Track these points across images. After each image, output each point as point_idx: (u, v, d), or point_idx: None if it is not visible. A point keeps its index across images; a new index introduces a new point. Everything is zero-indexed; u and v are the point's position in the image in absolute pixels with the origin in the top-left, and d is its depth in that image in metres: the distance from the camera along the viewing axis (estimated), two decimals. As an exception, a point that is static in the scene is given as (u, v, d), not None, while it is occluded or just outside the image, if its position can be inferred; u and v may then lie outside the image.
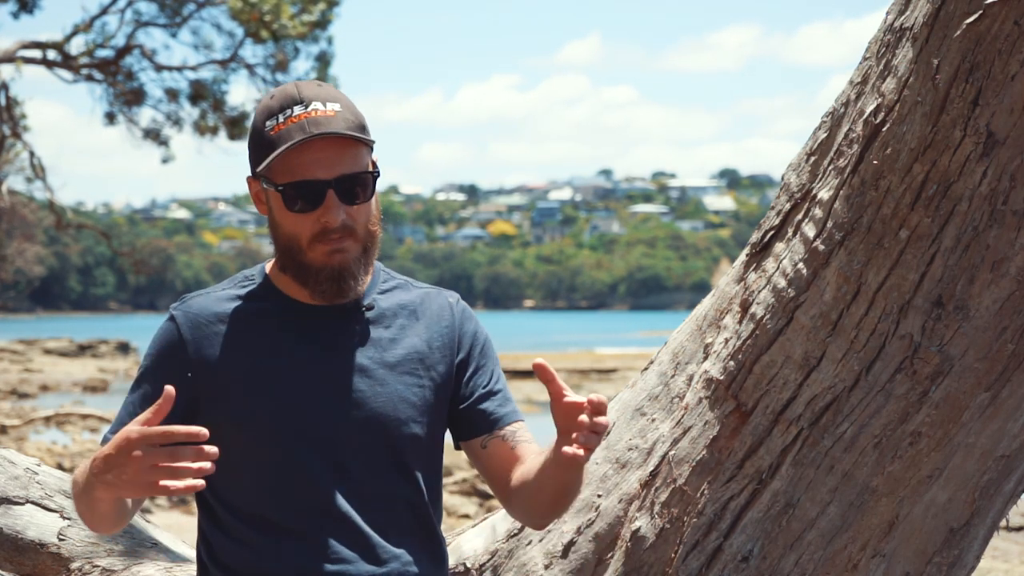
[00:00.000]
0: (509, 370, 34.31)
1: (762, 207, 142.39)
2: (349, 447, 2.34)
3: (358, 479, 2.34)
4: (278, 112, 2.31)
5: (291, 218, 2.31)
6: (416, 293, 2.50)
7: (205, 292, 2.43)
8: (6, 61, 17.25)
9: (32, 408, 23.62)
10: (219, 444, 2.37)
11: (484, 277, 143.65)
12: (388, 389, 2.38)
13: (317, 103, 2.31)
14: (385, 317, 2.42)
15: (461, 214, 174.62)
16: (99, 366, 38.40)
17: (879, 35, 2.29)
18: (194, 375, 2.34)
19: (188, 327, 2.37)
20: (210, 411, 2.34)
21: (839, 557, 2.36)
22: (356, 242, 2.33)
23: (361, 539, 2.33)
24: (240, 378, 2.33)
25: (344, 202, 2.30)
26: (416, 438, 2.40)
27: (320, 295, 2.34)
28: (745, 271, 2.52)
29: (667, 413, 2.59)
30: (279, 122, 2.30)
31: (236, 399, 2.32)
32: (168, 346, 2.37)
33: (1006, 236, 2.14)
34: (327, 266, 2.31)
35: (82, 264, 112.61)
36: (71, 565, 2.81)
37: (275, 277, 2.42)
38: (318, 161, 2.29)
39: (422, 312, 2.47)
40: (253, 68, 18.24)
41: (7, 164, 19.99)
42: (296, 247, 2.33)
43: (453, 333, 2.47)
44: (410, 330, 2.44)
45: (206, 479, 2.38)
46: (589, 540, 2.58)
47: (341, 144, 2.31)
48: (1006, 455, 2.35)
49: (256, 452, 2.33)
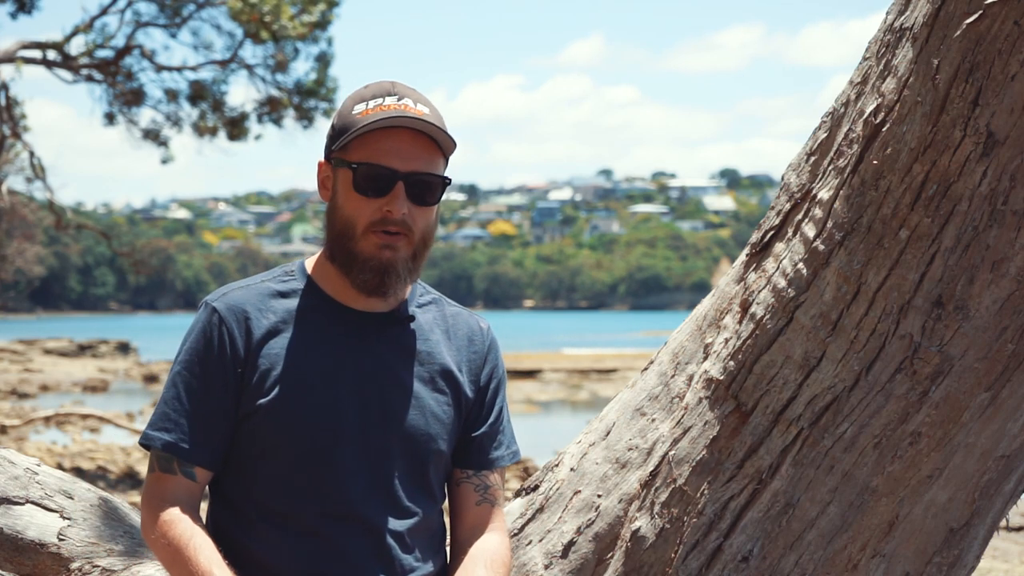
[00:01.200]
0: (509, 370, 34.31)
1: (762, 207, 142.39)
2: (379, 454, 2.34)
3: (383, 488, 2.34)
4: (370, 99, 2.33)
5: (355, 201, 2.31)
6: (450, 312, 2.51)
7: (244, 285, 2.41)
8: (6, 61, 17.24)
9: (32, 408, 23.62)
10: (251, 437, 2.38)
11: (484, 277, 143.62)
12: (422, 403, 2.38)
13: (409, 100, 2.33)
14: (423, 331, 2.43)
15: (461, 214, 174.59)
16: (99, 366, 38.39)
17: (879, 35, 2.29)
18: (242, 368, 2.33)
19: (232, 319, 2.35)
20: (247, 403, 2.33)
21: (839, 557, 2.36)
22: (409, 244, 2.33)
23: (380, 548, 2.32)
24: (280, 374, 2.32)
25: (411, 199, 2.31)
26: (440, 455, 2.41)
27: (361, 286, 2.32)
28: (745, 271, 2.52)
29: (667, 413, 2.59)
30: (368, 107, 2.31)
31: (274, 394, 2.31)
32: (214, 338, 2.34)
33: (1006, 236, 2.14)
34: (375, 258, 2.30)
35: (82, 264, 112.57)
36: (71, 565, 2.81)
37: (318, 276, 2.41)
38: (397, 151, 2.30)
39: (454, 332, 2.48)
40: (253, 69, 18.24)
41: (7, 164, 19.98)
42: (351, 232, 2.32)
43: (480, 360, 2.49)
44: (443, 347, 2.44)
45: (229, 467, 2.39)
46: (589, 540, 2.58)
47: (422, 143, 2.32)
48: (1006, 455, 2.35)
49: (286, 449, 2.32)
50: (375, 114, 2.29)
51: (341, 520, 2.30)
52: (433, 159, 2.33)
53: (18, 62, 17.30)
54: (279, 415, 2.31)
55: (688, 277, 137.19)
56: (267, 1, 16.79)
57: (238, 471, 2.36)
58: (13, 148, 19.16)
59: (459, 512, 2.47)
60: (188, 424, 2.32)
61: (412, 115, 2.29)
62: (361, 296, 2.37)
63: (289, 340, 2.34)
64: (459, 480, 2.47)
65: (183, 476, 2.32)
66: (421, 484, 2.38)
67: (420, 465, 2.37)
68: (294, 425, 2.30)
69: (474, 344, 2.49)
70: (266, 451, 2.32)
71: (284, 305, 2.37)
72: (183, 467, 2.32)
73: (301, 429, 2.31)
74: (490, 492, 2.47)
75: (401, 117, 2.29)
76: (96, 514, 2.90)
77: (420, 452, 2.37)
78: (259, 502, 2.33)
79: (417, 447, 2.36)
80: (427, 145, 2.32)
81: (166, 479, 2.33)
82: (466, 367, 2.46)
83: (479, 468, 2.47)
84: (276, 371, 2.32)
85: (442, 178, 2.34)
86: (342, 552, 2.30)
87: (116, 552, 2.83)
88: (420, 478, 2.38)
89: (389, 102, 2.31)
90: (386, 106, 2.30)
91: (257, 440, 2.33)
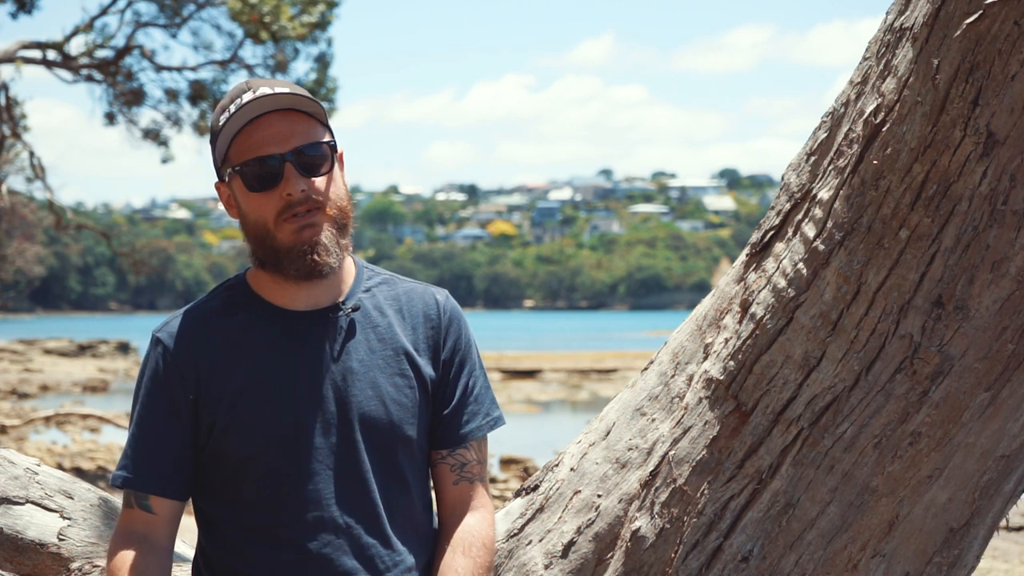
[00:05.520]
0: (509, 370, 34.32)
1: (762, 207, 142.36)
2: (346, 453, 2.33)
3: (355, 485, 2.33)
4: (229, 104, 2.33)
5: (255, 201, 2.30)
6: (402, 288, 2.46)
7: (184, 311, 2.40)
8: (6, 61, 17.25)
9: (32, 408, 23.63)
10: (217, 459, 2.37)
11: (484, 277, 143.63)
12: (380, 391, 2.35)
13: (264, 88, 2.32)
14: (371, 316, 2.40)
15: (461, 214, 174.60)
16: (99, 366, 38.41)
17: (879, 35, 2.29)
18: (194, 394, 2.33)
19: (176, 347, 2.34)
20: (207, 427, 2.33)
21: (839, 557, 2.36)
22: (325, 216, 2.30)
23: (360, 549, 2.31)
24: (232, 391, 2.31)
25: (305, 174, 2.29)
26: (408, 440, 2.38)
27: (296, 274, 2.30)
28: (745, 271, 2.52)
29: (667, 413, 2.59)
30: (231, 113, 2.30)
31: (230, 412, 2.31)
32: (161, 371, 2.34)
33: (1006, 236, 2.14)
34: (298, 243, 2.28)
35: (82, 264, 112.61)
36: (71, 565, 2.81)
37: (255, 284, 2.39)
38: (272, 136, 2.28)
39: (408, 310, 2.43)
40: (253, 69, 18.23)
41: (7, 164, 19.98)
42: (265, 231, 2.30)
43: (439, 336, 2.44)
44: (397, 328, 2.41)
45: (204, 491, 2.39)
46: (589, 540, 2.58)
47: (292, 118, 2.30)
48: (1006, 455, 2.35)
49: (253, 465, 2.31)
50: (237, 115, 2.29)
51: (317, 525, 2.29)
52: (310, 130, 2.31)
53: (18, 62, 17.31)
54: (240, 433, 2.30)
55: (688, 277, 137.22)
56: (267, 1, 16.79)
57: (212, 494, 2.36)
58: (13, 148, 19.16)
59: (439, 494, 2.46)
60: (139, 456, 2.33)
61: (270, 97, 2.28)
62: (302, 294, 2.35)
63: (238, 357, 2.33)
64: (435, 462, 2.44)
65: (139, 509, 2.33)
66: (393, 474, 2.36)
67: (389, 454, 2.35)
68: (256, 440, 2.30)
69: (431, 320, 2.43)
70: (234, 470, 2.32)
71: (227, 323, 2.36)
72: (138, 500, 2.33)
73: (264, 443, 2.30)
74: (467, 469, 2.44)
75: (261, 101, 2.27)
76: (96, 514, 2.90)
77: (386, 442, 2.35)
78: (237, 520, 2.33)
79: (382, 437, 2.34)
80: (299, 118, 2.31)
81: (126, 514, 2.35)
82: (424, 345, 2.42)
83: (453, 446, 2.43)
84: (230, 391, 2.31)
85: (327, 143, 2.33)
86: (325, 560, 2.29)
87: (116, 552, 2.83)
88: (391, 468, 2.36)
89: (247, 98, 2.30)
90: (244, 102, 2.29)
91: (223, 461, 2.33)
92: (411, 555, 2.37)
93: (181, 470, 2.33)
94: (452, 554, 2.36)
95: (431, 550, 2.44)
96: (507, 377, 32.89)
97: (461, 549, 2.36)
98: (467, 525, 2.40)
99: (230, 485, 2.33)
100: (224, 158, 2.33)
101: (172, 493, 2.33)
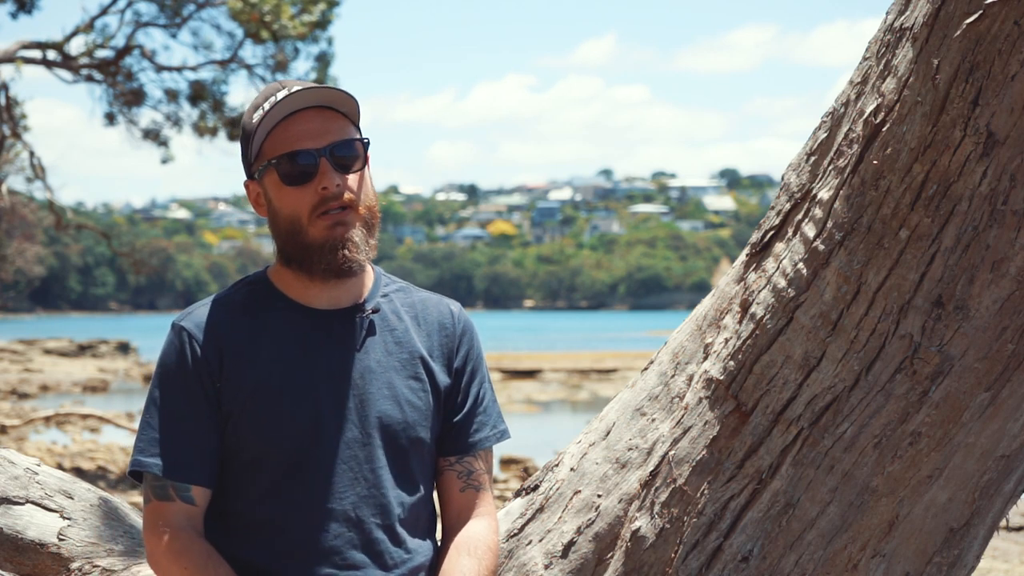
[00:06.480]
0: (509, 370, 34.32)
1: (762, 207, 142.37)
2: (360, 450, 2.34)
3: (368, 482, 2.34)
4: (263, 103, 2.35)
5: (289, 196, 2.32)
6: (417, 297, 2.50)
7: (207, 302, 2.42)
8: (6, 61, 17.24)
9: (32, 408, 23.63)
10: (234, 450, 2.38)
11: (484, 277, 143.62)
12: (396, 392, 2.38)
13: (297, 86, 2.35)
14: (389, 320, 2.43)
15: (461, 214, 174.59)
16: (99, 366, 38.40)
17: (879, 35, 2.29)
18: (219, 383, 2.33)
19: (201, 336, 2.35)
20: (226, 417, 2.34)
21: (839, 557, 2.36)
22: (357, 215, 2.33)
23: (370, 544, 2.33)
24: (252, 383, 2.33)
25: (339, 171, 2.31)
26: (420, 442, 2.41)
27: (325, 271, 2.32)
28: (745, 271, 2.52)
29: (667, 413, 2.59)
30: (265, 111, 2.32)
31: (251, 405, 2.32)
32: (187, 356, 2.33)
33: (1006, 236, 2.14)
34: (330, 239, 2.30)
35: (82, 264, 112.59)
36: (71, 565, 2.81)
37: (278, 281, 2.41)
38: (306, 132, 2.31)
39: (423, 317, 2.47)
40: (253, 69, 18.24)
41: (7, 164, 19.98)
42: (298, 227, 2.32)
43: (453, 345, 2.47)
44: (413, 334, 2.44)
45: (219, 487, 2.39)
46: (589, 540, 2.58)
47: (326, 115, 2.33)
48: (1006, 455, 2.35)
49: (269, 457, 2.32)
50: (272, 112, 2.31)
51: (328, 518, 2.31)
52: (344, 127, 2.35)
53: (18, 62, 17.31)
54: (258, 425, 2.31)
55: (688, 277, 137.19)
56: (267, 1, 16.79)
57: (225, 485, 2.36)
58: (13, 148, 19.16)
59: (445, 500, 2.48)
60: (174, 445, 2.30)
61: (304, 94, 2.31)
62: (324, 293, 2.37)
63: (260, 350, 2.34)
64: (443, 468, 2.47)
65: (181, 501, 2.31)
66: (405, 474, 2.38)
67: (402, 455, 2.38)
68: (274, 433, 2.31)
69: (445, 329, 2.47)
70: (250, 462, 2.33)
71: (250, 316, 2.37)
72: (180, 492, 2.31)
73: (281, 436, 2.31)
74: (474, 477, 2.47)
75: (297, 96, 2.30)
76: (96, 514, 2.90)
77: (400, 442, 2.37)
78: (249, 512, 2.33)
79: (396, 437, 2.37)
80: (332, 116, 2.34)
81: (164, 507, 2.31)
82: (438, 353, 2.45)
83: (461, 454, 2.46)
84: (251, 383, 2.32)
85: (360, 140, 2.36)
86: (335, 553, 2.30)
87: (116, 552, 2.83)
88: (404, 467, 2.38)
89: (282, 95, 2.32)
90: (280, 98, 2.32)
91: (240, 452, 2.33)
92: (418, 554, 2.38)
93: (216, 459, 2.33)
94: (457, 555, 2.37)
95: (436, 553, 2.45)
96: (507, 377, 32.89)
97: (467, 551, 2.38)
98: (472, 530, 2.42)
99: (242, 476, 2.34)
100: (258, 154, 2.34)
101: (211, 482, 2.33)
